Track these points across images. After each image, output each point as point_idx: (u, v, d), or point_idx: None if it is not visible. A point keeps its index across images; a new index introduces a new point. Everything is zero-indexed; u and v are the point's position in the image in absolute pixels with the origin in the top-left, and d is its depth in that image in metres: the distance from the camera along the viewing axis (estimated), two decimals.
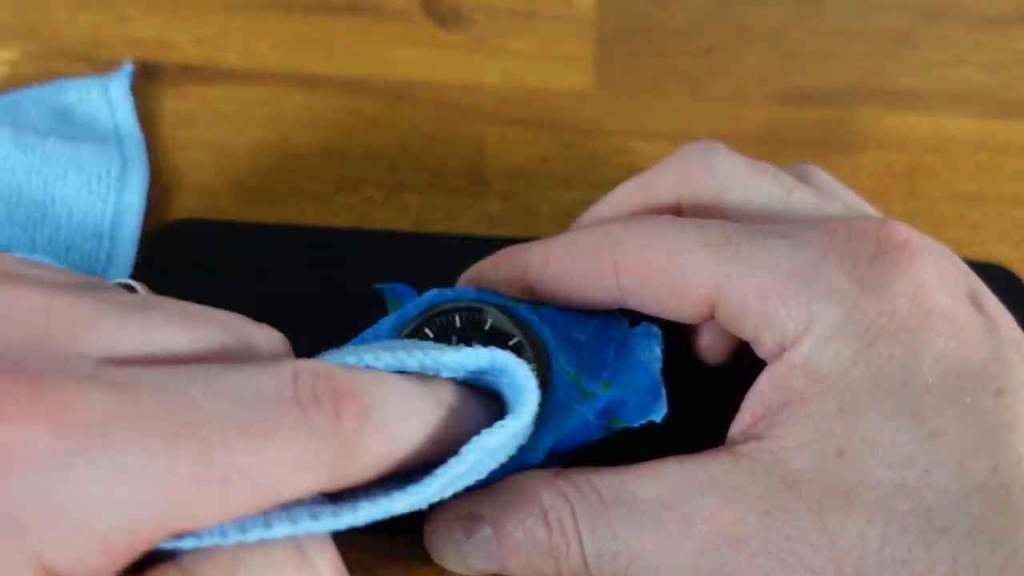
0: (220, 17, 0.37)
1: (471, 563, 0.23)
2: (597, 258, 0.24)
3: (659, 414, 0.24)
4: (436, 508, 0.23)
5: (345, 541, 0.26)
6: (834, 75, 0.38)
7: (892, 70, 0.38)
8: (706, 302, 0.23)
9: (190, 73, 0.35)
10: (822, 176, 0.27)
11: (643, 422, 0.24)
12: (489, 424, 0.20)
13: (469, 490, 0.22)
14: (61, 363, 0.16)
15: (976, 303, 0.22)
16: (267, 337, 0.20)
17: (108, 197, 0.30)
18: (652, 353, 0.25)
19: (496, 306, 0.25)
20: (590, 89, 0.37)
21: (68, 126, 0.32)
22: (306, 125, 0.35)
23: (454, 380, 0.21)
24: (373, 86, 0.36)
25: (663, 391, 0.25)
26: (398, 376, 0.20)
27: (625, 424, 0.24)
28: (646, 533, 0.21)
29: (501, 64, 0.37)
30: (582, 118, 0.36)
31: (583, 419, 0.24)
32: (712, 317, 0.24)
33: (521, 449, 0.23)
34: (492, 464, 0.21)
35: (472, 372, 0.21)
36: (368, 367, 0.20)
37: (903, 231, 0.22)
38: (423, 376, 0.20)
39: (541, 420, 0.24)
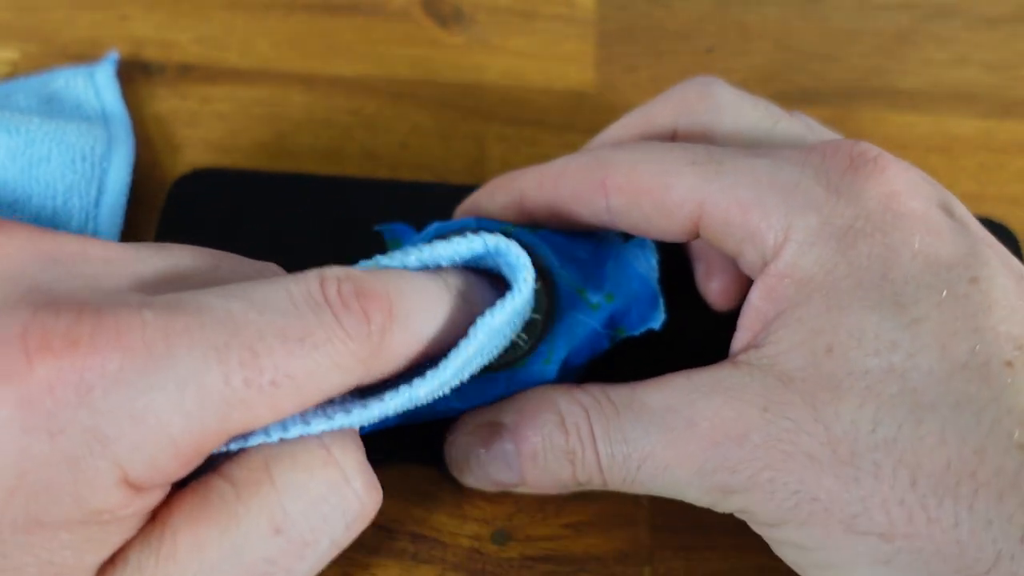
0: (221, 16, 0.37)
1: (490, 473, 0.24)
2: (588, 179, 0.25)
3: (658, 321, 0.25)
4: (455, 421, 0.25)
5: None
6: (835, 75, 0.38)
7: (893, 70, 0.38)
8: (691, 219, 0.24)
9: (190, 73, 0.35)
10: (810, 120, 0.28)
11: (643, 330, 0.25)
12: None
13: (479, 393, 0.24)
14: (106, 295, 0.17)
15: (946, 210, 0.24)
16: (265, 266, 0.22)
17: (92, 176, 0.30)
18: (648, 264, 0.26)
19: (498, 232, 0.25)
20: (590, 89, 0.36)
21: (55, 110, 0.32)
22: (306, 125, 0.34)
23: (463, 268, 0.23)
24: (373, 86, 0.36)
25: (661, 300, 0.26)
26: (413, 271, 0.22)
27: (628, 333, 0.26)
28: (654, 435, 0.22)
29: (502, 64, 0.37)
30: (582, 118, 0.36)
31: (592, 329, 0.25)
32: (697, 235, 0.25)
33: (537, 361, 0.25)
34: (500, 341, 0.23)
35: (471, 258, 0.23)
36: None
37: (874, 149, 0.24)
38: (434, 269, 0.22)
39: (553, 334, 0.25)
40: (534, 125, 0.35)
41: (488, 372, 0.24)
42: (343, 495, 0.19)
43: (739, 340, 0.24)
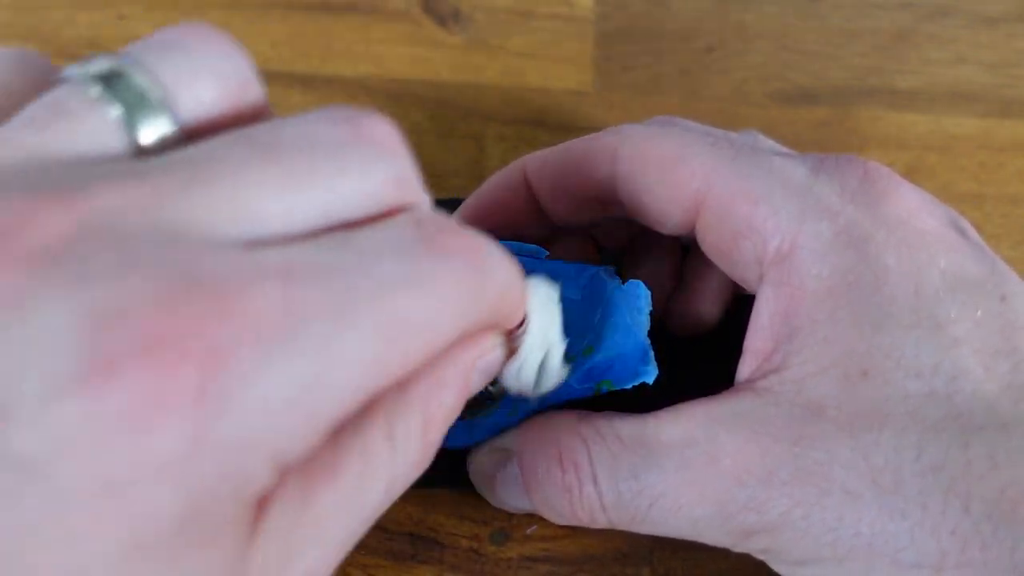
0: (220, 16, 0.37)
1: (504, 499, 0.24)
2: (600, 145, 0.24)
3: (650, 376, 0.24)
4: (475, 446, 0.25)
5: None
6: (834, 74, 0.38)
7: (892, 69, 0.38)
8: (695, 198, 0.23)
9: None
10: (765, 140, 0.27)
11: (635, 384, 0.24)
12: None
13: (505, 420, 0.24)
14: (193, 252, 0.14)
15: (959, 229, 0.23)
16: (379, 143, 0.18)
17: None
18: (639, 315, 0.25)
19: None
20: (590, 89, 0.36)
21: None
22: None
23: None
24: (373, 86, 0.36)
25: (651, 353, 0.24)
26: None
27: (617, 387, 0.24)
28: (669, 472, 0.21)
29: (501, 63, 0.37)
30: (582, 117, 0.36)
31: (564, 383, 0.24)
32: (693, 228, 0.24)
33: (501, 413, 0.24)
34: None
35: None
36: None
37: (884, 167, 0.23)
38: None
39: None
40: (533, 125, 0.35)
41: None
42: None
43: (748, 363, 0.23)
